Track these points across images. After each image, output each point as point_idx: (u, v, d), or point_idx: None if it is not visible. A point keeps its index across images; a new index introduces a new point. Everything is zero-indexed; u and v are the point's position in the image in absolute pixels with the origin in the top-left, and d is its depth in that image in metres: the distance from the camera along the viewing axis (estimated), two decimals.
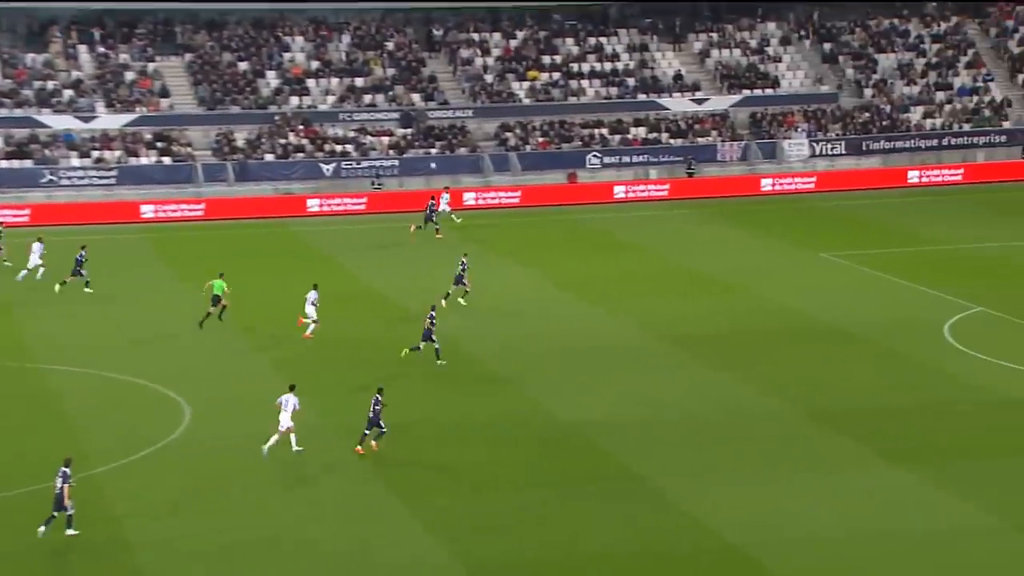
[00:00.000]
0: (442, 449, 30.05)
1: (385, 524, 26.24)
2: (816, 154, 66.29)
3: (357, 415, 30.23)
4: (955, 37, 72.86)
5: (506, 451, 29.97)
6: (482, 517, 26.51)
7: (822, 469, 28.59)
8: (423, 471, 28.85)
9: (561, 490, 27.79)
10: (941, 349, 37.04)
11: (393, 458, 29.52)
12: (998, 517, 25.75)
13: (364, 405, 29.95)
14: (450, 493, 27.65)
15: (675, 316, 41.03)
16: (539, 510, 26.75)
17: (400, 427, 30.94)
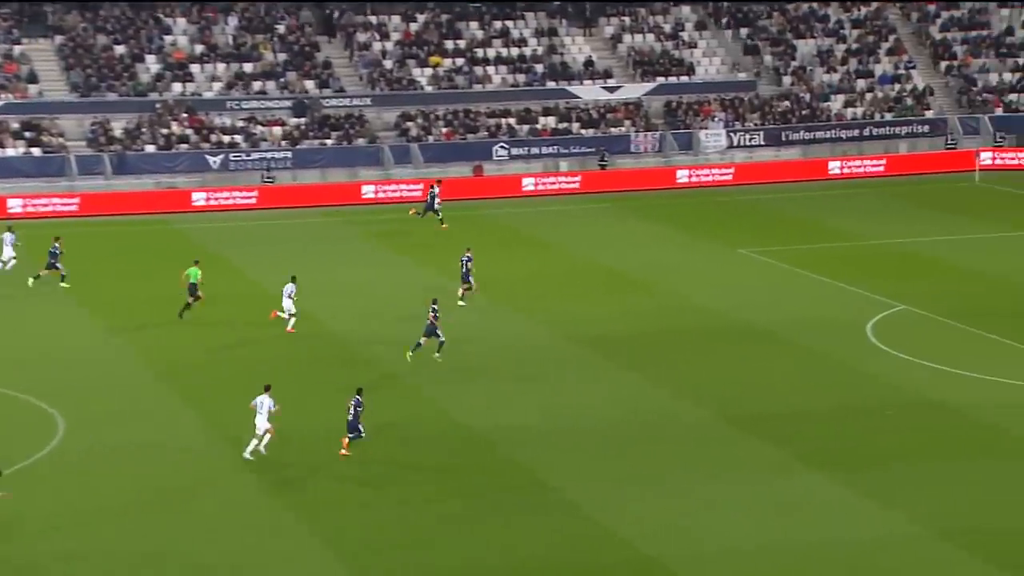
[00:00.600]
0: (340, 460, 29.80)
1: (280, 539, 25.94)
2: (734, 145, 67.11)
3: (241, 425, 29.85)
4: (876, 22, 74.27)
5: (409, 461, 29.79)
6: (385, 531, 26.32)
7: (741, 476, 28.88)
8: (322, 482, 28.58)
9: (469, 502, 27.74)
10: (863, 349, 37.68)
11: (288, 469, 29.21)
12: (921, 525, 26.20)
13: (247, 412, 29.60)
14: (350, 505, 27.41)
15: (587, 316, 41.20)
16: (446, 523, 26.65)
17: (295, 437, 30.61)
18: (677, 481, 28.63)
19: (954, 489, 27.93)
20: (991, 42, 72.70)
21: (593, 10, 72.90)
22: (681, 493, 28.02)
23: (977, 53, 72.22)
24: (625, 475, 28.99)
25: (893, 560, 24.97)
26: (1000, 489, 27.91)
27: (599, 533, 26.21)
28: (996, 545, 25.22)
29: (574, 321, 40.57)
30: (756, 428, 31.59)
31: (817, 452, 30.09)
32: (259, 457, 29.45)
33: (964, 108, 69.58)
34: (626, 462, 29.78)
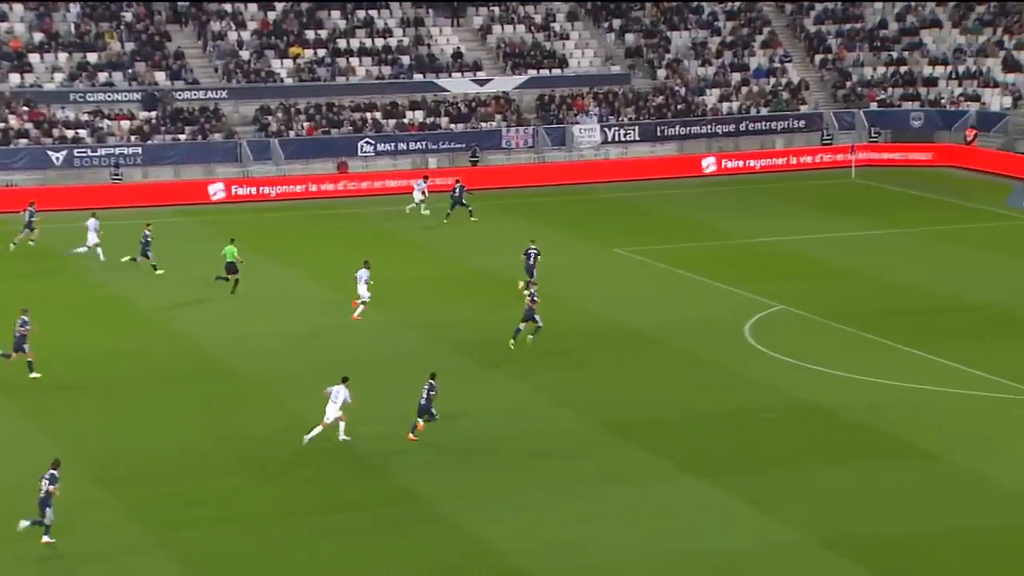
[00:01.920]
0: (194, 475, 29.25)
1: (132, 557, 25.34)
2: (608, 140, 67.69)
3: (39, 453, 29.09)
4: (750, 14, 75.60)
5: (269, 476, 29.37)
6: (242, 550, 25.92)
7: (621, 485, 29.13)
8: (171, 501, 28.06)
9: (336, 517, 27.53)
10: (742, 351, 38.30)
11: (137, 484, 28.61)
12: (802, 532, 26.71)
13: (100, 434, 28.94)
14: (203, 523, 26.98)
15: (459, 321, 41.15)
16: (310, 540, 26.38)
17: (143, 455, 29.98)
18: (555, 491, 28.78)
19: (832, 494, 28.55)
20: (865, 35, 74.54)
21: (461, 0, 72.86)
22: (559, 503, 28.18)
23: (851, 46, 73.99)
24: (500, 486, 29.07)
25: (774, 568, 25.41)
26: (877, 492, 28.61)
27: (474, 547, 26.19)
28: (870, 550, 25.80)
29: (446, 326, 40.50)
30: (636, 435, 31.90)
31: (697, 458, 30.49)
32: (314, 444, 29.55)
33: (839, 103, 71.23)
34: (501, 472, 29.83)
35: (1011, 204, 57.47)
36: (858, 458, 30.43)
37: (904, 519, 27.23)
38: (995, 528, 26.72)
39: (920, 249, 50.59)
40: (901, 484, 29.01)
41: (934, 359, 36.96)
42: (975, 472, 29.43)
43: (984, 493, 28.42)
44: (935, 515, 27.45)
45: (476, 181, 63.27)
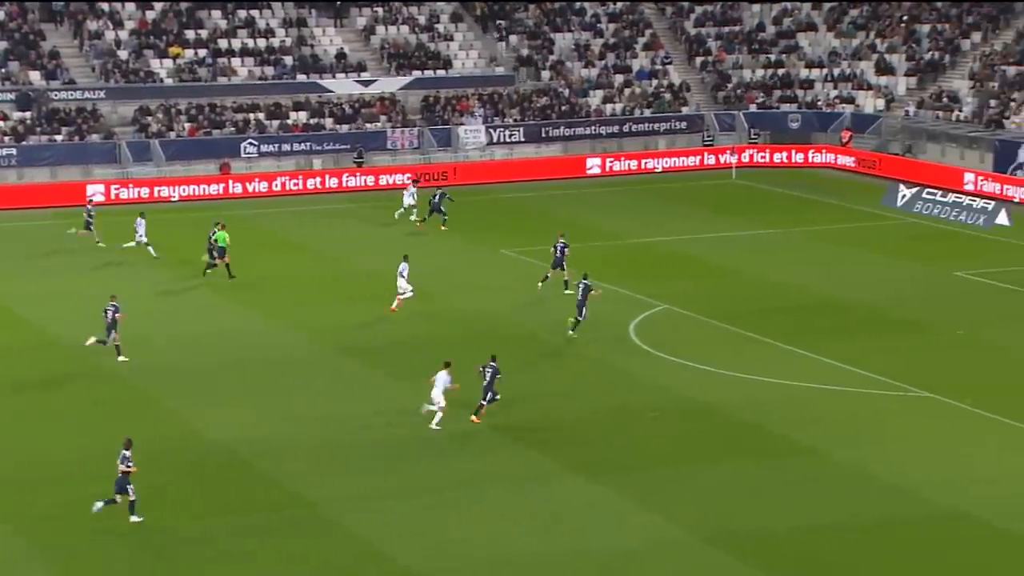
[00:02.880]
0: (74, 483, 28.81)
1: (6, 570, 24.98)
2: (494, 141, 68.00)
3: None
4: (631, 16, 76.51)
5: (154, 481, 29.07)
6: (129, 555, 25.63)
7: (508, 485, 29.36)
8: (53, 507, 27.61)
9: (223, 521, 27.38)
10: (626, 350, 38.81)
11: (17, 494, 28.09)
12: (687, 529, 27.17)
13: None
14: (81, 530, 26.62)
15: (346, 323, 41.07)
16: (200, 545, 26.18)
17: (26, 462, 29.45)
18: (442, 492, 28.92)
19: (717, 491, 29.07)
20: (743, 38, 75.88)
21: (344, 1, 72.58)
22: (447, 504, 28.30)
23: (730, 49, 75.26)
24: (388, 487, 29.11)
25: (660, 566, 25.83)
26: (760, 488, 29.19)
27: (363, 550, 26.22)
28: (751, 546, 26.33)
29: (333, 328, 40.40)
30: (522, 435, 32.16)
31: (584, 457, 30.84)
32: None
33: (720, 104, 72.42)
34: (389, 474, 29.88)
35: (885, 204, 58.99)
36: (742, 455, 31.04)
37: (786, 514, 27.85)
38: (875, 521, 27.46)
39: (798, 249, 51.68)
40: (783, 480, 29.67)
41: (813, 357, 37.84)
42: (855, 467, 30.21)
43: (864, 487, 29.18)
44: (817, 510, 28.12)
45: (361, 182, 63.21)
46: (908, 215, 57.00)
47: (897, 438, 32.03)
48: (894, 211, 57.86)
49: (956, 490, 28.73)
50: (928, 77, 70.57)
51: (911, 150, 65.90)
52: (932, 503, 28.17)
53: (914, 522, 27.36)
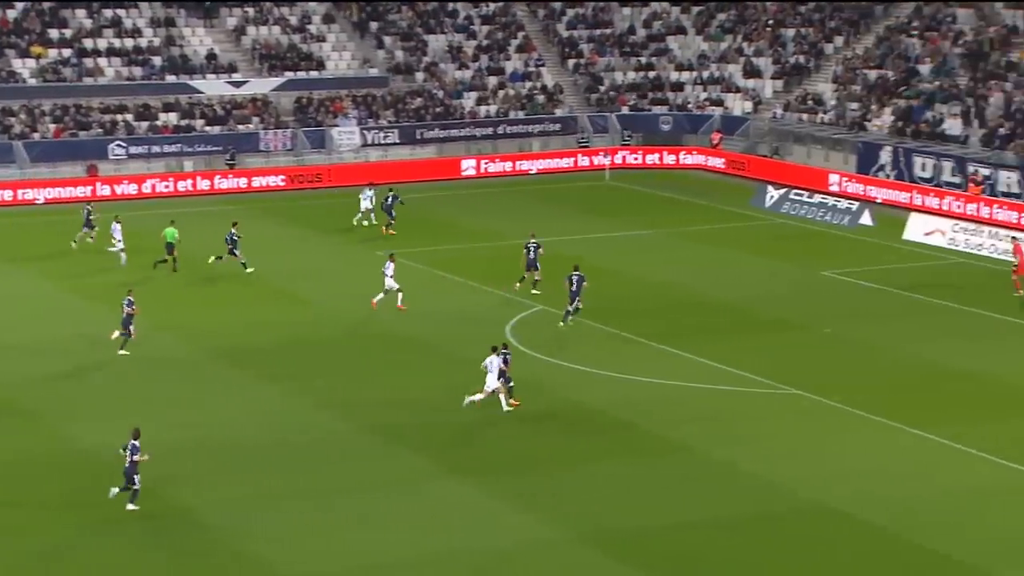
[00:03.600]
0: None
1: None
2: (368, 143, 67.81)
3: None
4: (504, 19, 76.89)
5: (22, 493, 28.47)
6: None
7: (386, 487, 29.36)
8: None
9: (96, 529, 26.98)
10: None
11: None
12: (562, 528, 27.43)
13: None
14: None
15: (223, 327, 40.68)
16: (72, 553, 25.79)
17: None
18: (320, 496, 28.83)
19: (593, 490, 29.39)
20: (615, 41, 76.75)
21: (213, 0, 71.72)
22: (325, 509, 28.23)
23: (602, 51, 76.07)
24: (266, 493, 28.92)
25: (533, 565, 26.04)
26: (635, 487, 29.60)
27: (240, 557, 26.01)
28: (627, 544, 26.69)
29: (209, 332, 40.00)
30: (401, 437, 32.19)
31: (461, 459, 30.99)
32: None
33: (592, 106, 73.15)
34: (266, 478, 29.68)
35: (754, 205, 60.17)
36: (617, 455, 31.45)
37: (660, 512, 28.29)
38: (746, 517, 28.04)
39: (671, 249, 52.46)
40: (657, 478, 30.12)
41: (686, 356, 38.47)
42: (727, 464, 30.80)
43: (735, 484, 29.76)
44: (690, 507, 28.61)
45: (234, 184, 62.57)
46: (776, 215, 58.20)
47: (768, 435, 32.73)
48: (763, 212, 59.04)
49: (824, 485, 29.46)
50: (793, 80, 72.13)
51: (778, 152, 67.31)
52: (801, 498, 28.85)
53: (784, 517, 27.99)
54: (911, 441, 32.03)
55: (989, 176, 56.94)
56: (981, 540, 26.64)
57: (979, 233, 51.60)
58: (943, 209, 55.99)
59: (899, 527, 27.27)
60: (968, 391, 35.54)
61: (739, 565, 25.98)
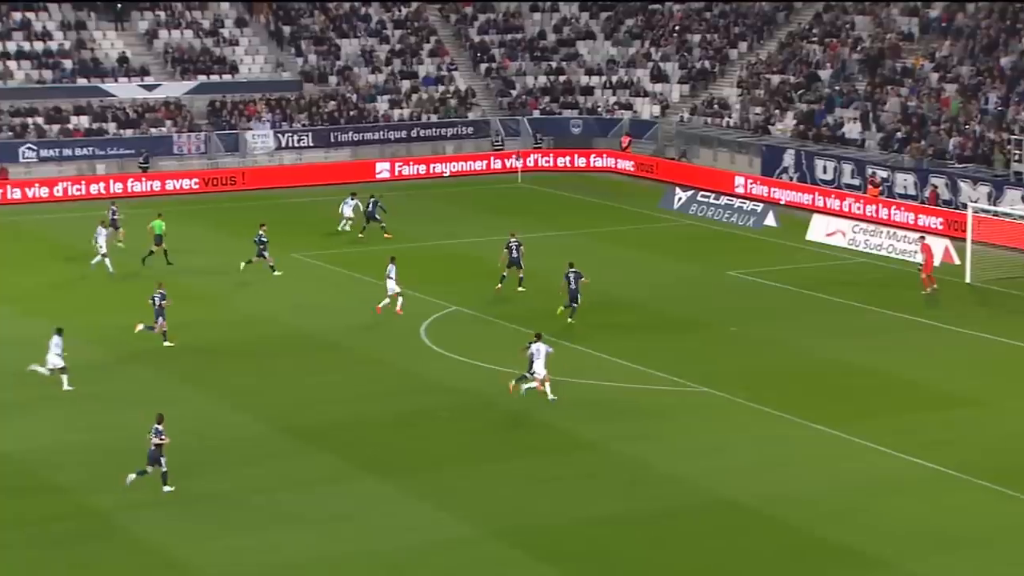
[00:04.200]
0: None
1: None
2: (283, 146, 67.45)
3: None
4: (416, 23, 76.85)
5: None
6: None
7: (300, 488, 29.30)
8: None
9: (11, 534, 26.66)
10: (419, 352, 39.07)
11: None
12: (474, 525, 27.57)
13: None
14: None
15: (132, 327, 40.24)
16: None
17: None
18: (236, 497, 28.69)
19: (505, 487, 29.57)
20: (526, 45, 77.06)
21: (125, 3, 70.87)
22: (241, 510, 28.13)
23: (514, 56, 76.34)
24: (180, 495, 28.71)
25: (448, 563, 26.15)
26: (546, 483, 29.79)
27: (154, 558, 25.82)
28: (538, 541, 26.92)
29: (122, 335, 39.47)
30: (315, 438, 32.12)
31: (376, 459, 31.00)
32: None
33: (504, 110, 73.37)
34: (180, 481, 29.41)
35: (663, 207, 60.76)
36: (529, 452, 31.64)
37: (571, 508, 28.52)
38: (654, 512, 28.36)
39: (583, 250, 52.71)
40: (568, 475, 30.36)
41: (596, 354, 38.79)
42: (635, 460, 31.12)
43: (646, 480, 30.08)
44: (601, 503, 28.88)
45: (147, 187, 61.89)
46: (684, 217, 58.82)
47: (676, 431, 33.11)
48: (671, 213, 59.64)
49: (731, 480, 29.88)
50: (700, 85, 72.94)
51: (686, 155, 68.03)
52: (708, 493, 29.23)
53: (691, 512, 28.35)
54: (814, 436, 32.59)
55: (887, 178, 58.05)
56: (882, 531, 27.19)
57: (878, 234, 52.56)
58: (844, 210, 56.96)
59: (804, 520, 27.74)
60: (869, 386, 36.24)
61: (648, 560, 26.28)
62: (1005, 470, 29.89)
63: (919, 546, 26.55)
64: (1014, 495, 28.65)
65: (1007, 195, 53.11)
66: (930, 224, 53.79)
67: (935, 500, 28.75)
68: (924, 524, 27.53)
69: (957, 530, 27.18)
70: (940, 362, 38.41)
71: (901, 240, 51.14)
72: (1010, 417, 33.71)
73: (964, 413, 34.02)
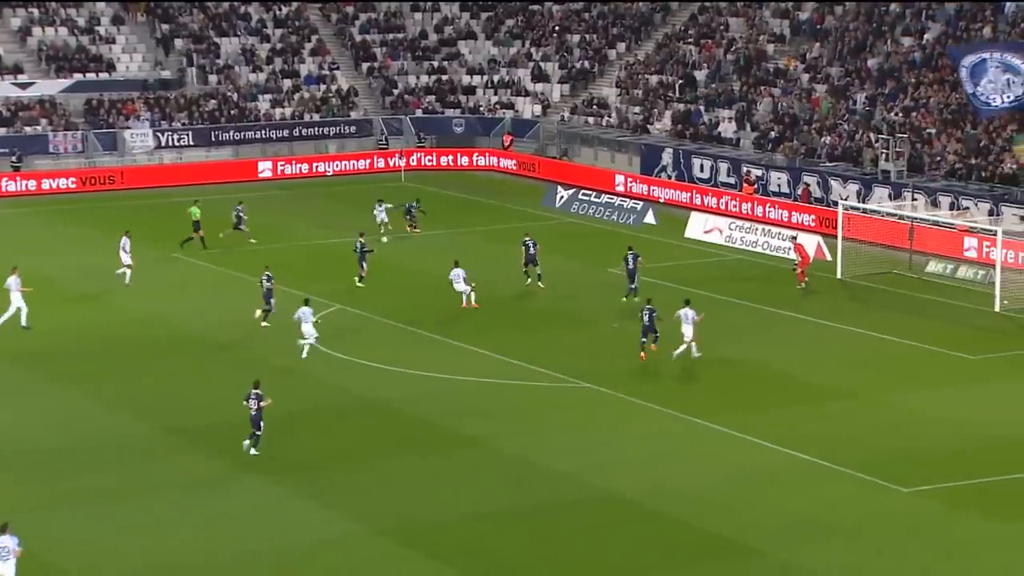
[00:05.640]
0: None
1: None
2: (162, 145, 66.49)
3: None
4: (297, 22, 76.31)
5: None
6: None
7: (182, 489, 29.04)
8: None
9: None
10: None
11: None
12: (360, 523, 27.58)
13: None
14: None
15: (13, 328, 39.44)
16: None
17: None
18: (115, 499, 28.37)
19: (390, 484, 29.65)
20: (407, 45, 76.98)
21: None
22: (121, 512, 27.79)
23: (396, 55, 76.21)
24: (56, 497, 28.33)
25: (335, 561, 26.13)
26: (431, 480, 29.96)
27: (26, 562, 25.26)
28: (425, 537, 27.04)
29: None
30: (197, 439, 31.84)
31: (260, 460, 30.80)
32: None
33: (387, 109, 73.22)
34: (58, 483, 29.02)
35: (545, 205, 61.20)
36: (414, 449, 31.72)
37: (457, 504, 28.68)
38: (538, 506, 28.63)
39: (466, 248, 52.83)
40: (454, 471, 30.52)
41: (479, 351, 38.98)
42: (519, 456, 31.38)
43: (529, 474, 30.35)
44: (485, 498, 29.07)
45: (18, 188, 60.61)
46: (566, 215, 59.30)
47: (558, 427, 33.45)
48: (553, 211, 60.08)
49: (613, 474, 30.28)
50: (580, 84, 73.58)
51: (567, 153, 68.58)
52: (591, 487, 29.59)
53: (574, 506, 28.67)
54: (695, 430, 33.16)
55: (761, 177, 59.19)
56: (758, 522, 27.79)
57: (754, 231, 53.57)
58: (721, 208, 57.94)
59: (684, 513, 28.24)
60: (747, 381, 36.96)
61: (534, 554, 26.55)
62: (876, 461, 30.74)
63: (792, 536, 27.19)
64: (884, 485, 29.49)
65: (875, 193, 54.51)
66: (803, 221, 54.98)
67: (809, 491, 29.46)
68: (798, 515, 28.20)
69: (829, 520, 27.89)
70: (814, 356, 39.34)
71: (776, 237, 52.21)
72: (881, 409, 34.66)
73: (838, 406, 34.88)
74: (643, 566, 26.09)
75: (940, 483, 29.46)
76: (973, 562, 25.99)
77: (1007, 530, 27.18)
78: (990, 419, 33.62)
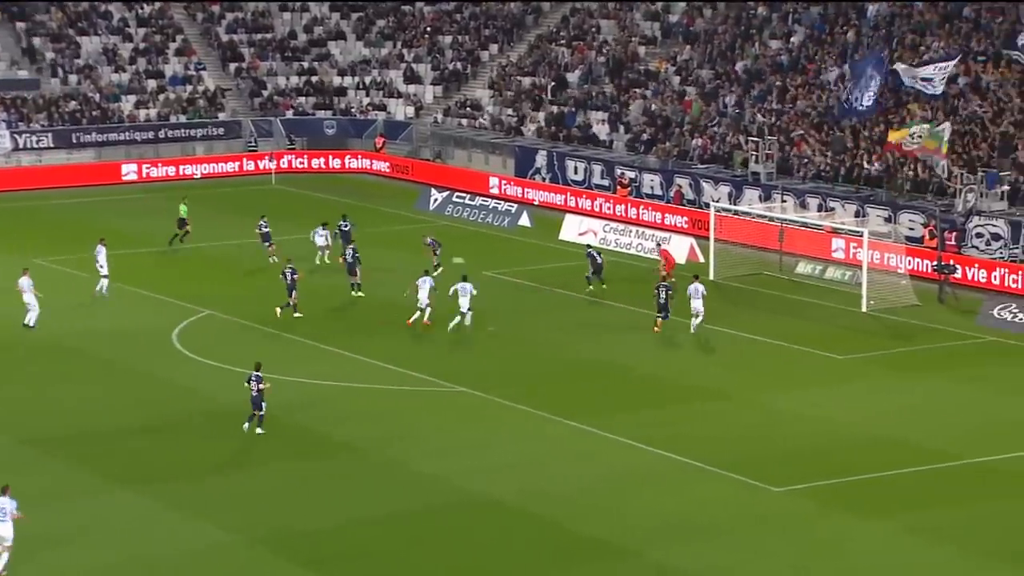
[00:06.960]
0: None
1: None
2: (20, 147, 65.06)
3: None
4: (162, 21, 75.27)
5: None
6: None
7: (46, 502, 28.50)
8: None
9: None
10: (170, 358, 38.48)
11: None
12: (231, 532, 27.47)
13: None
14: None
15: None
16: None
17: None
18: None
19: (263, 493, 29.53)
20: (276, 45, 76.41)
21: None
22: None
23: (264, 56, 75.59)
24: None
25: (208, 571, 26.00)
26: (305, 487, 29.92)
27: None
28: (299, 545, 27.02)
29: None
30: (61, 450, 31.35)
31: (127, 469, 30.48)
32: None
33: (256, 111, 72.60)
34: None
35: (419, 208, 61.29)
36: (288, 456, 31.60)
37: (332, 511, 28.66)
38: (416, 511, 28.75)
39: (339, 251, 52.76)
40: (328, 478, 30.49)
41: (351, 356, 38.95)
42: (394, 461, 31.46)
43: (404, 479, 30.45)
44: (360, 504, 29.10)
45: None
46: (440, 218, 59.45)
47: (432, 431, 33.59)
48: (427, 214, 60.18)
49: (488, 478, 30.53)
50: (452, 86, 73.80)
51: (441, 156, 68.74)
52: (466, 491, 29.80)
53: (450, 510, 28.86)
54: (569, 432, 33.57)
55: (635, 179, 60.04)
56: (631, 523, 28.25)
57: (627, 233, 54.33)
58: (595, 210, 58.63)
59: (559, 515, 28.59)
60: (620, 382, 37.52)
61: (410, 558, 26.67)
62: (748, 461, 31.45)
63: (666, 537, 27.70)
64: (756, 485, 30.19)
65: (746, 194, 55.66)
66: (675, 223, 55.91)
67: (681, 491, 30.04)
68: (671, 515, 28.73)
69: (701, 520, 28.47)
70: (687, 357, 40.08)
71: (649, 239, 53.01)
72: (753, 409, 35.46)
73: (710, 406, 35.59)
74: (519, 569, 26.38)
75: (810, 482, 30.25)
76: (843, 560, 26.76)
77: (876, 527, 28.03)
78: (857, 418, 34.62)
